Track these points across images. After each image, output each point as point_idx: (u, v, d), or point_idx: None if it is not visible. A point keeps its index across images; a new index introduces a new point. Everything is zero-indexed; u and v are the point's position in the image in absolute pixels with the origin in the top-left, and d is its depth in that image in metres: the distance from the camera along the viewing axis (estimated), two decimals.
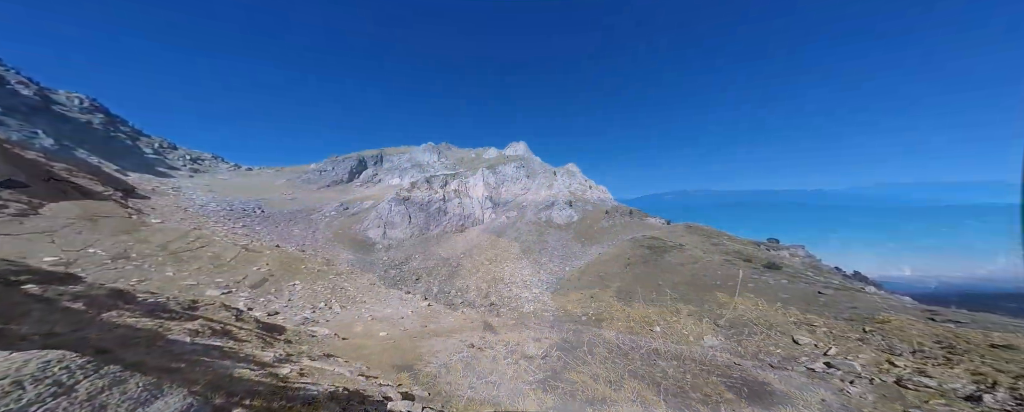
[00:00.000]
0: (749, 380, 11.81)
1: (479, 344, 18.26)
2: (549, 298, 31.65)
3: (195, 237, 27.51)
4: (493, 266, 41.05)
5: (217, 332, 7.67)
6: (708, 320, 18.86)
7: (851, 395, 10.09)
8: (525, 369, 14.16)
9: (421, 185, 58.80)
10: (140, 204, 32.01)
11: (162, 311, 7.70)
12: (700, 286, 23.09)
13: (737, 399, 10.33)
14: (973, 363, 10.10)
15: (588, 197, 53.14)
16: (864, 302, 16.65)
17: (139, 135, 57.97)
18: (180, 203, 37.87)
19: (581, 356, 15.68)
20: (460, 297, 33.61)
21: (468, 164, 71.71)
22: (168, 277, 19.98)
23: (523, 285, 35.03)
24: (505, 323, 24.09)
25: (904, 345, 12.00)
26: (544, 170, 63.93)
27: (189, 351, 5.52)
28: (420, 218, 55.71)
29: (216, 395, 3.29)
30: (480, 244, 49.57)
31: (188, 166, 59.07)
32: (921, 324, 13.09)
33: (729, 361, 13.79)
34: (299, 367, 7.77)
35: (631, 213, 46.38)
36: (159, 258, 21.90)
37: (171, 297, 9.75)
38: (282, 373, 6.35)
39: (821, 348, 13.51)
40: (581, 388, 11.98)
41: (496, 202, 58.79)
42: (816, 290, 19.49)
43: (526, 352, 16.04)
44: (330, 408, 4.90)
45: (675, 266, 27.23)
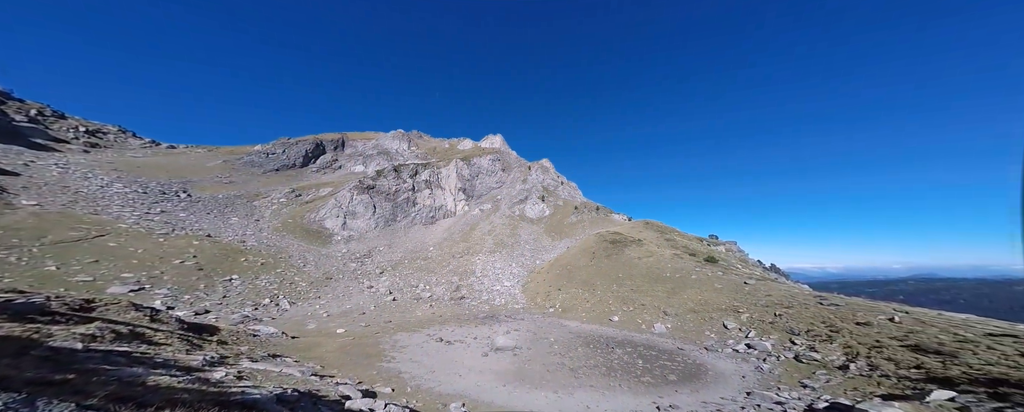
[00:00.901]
0: (689, 363, 13.48)
1: (449, 338, 18.03)
2: (520, 291, 32.36)
3: (90, 224, 22.49)
4: (464, 259, 40.58)
5: (123, 336, 6.39)
6: (659, 309, 21.01)
7: (764, 371, 12.10)
8: (495, 361, 14.39)
9: (388, 174, 55.26)
10: (4, 182, 24.88)
11: (39, 314, 6.16)
12: (654, 278, 25.54)
13: (679, 380, 11.71)
14: (845, 338, 12.83)
15: (559, 193, 54.94)
16: (776, 290, 20.01)
17: (5, 98, 44.92)
18: (69, 183, 30.40)
19: (547, 346, 16.40)
20: (428, 291, 32.70)
21: (441, 154, 68.97)
22: (49, 272, 16.12)
23: (495, 278, 35.25)
24: (475, 316, 24.10)
25: (801, 326, 14.73)
26: (519, 164, 64.32)
27: (82, 359, 4.51)
28: (386, 208, 52.53)
29: (122, 408, 2.73)
30: (452, 237, 48.54)
31: (82, 139, 47.56)
32: (813, 308, 16.15)
33: (673, 346, 15.56)
34: (237, 370, 6.96)
35: (598, 209, 49.18)
36: (34, 250, 17.49)
37: (54, 297, 7.85)
38: (215, 378, 5.59)
39: (743, 332, 15.93)
40: (547, 377, 12.57)
41: (470, 194, 57.77)
42: (742, 281, 22.82)
43: (496, 344, 16.28)
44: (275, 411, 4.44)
45: (634, 260, 29.70)
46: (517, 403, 10.34)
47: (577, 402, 10.48)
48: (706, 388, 10.92)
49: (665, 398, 10.29)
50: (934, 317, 13.53)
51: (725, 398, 10.04)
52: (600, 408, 9.97)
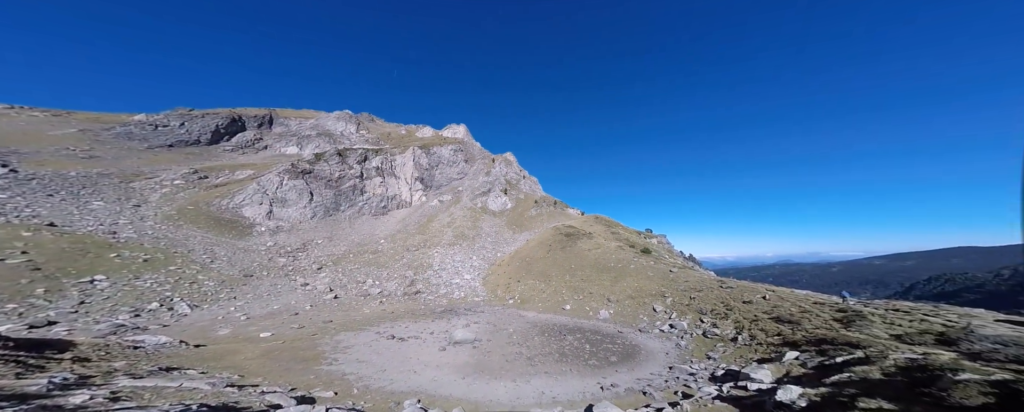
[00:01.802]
0: (627, 344, 15.44)
1: (402, 334, 17.02)
2: (480, 284, 32.31)
3: None
4: (421, 252, 38.52)
5: None
6: (604, 297, 23.47)
7: (682, 347, 14.71)
8: (453, 355, 14.18)
9: (331, 158, 48.49)
10: None
11: None
12: (600, 268, 28.35)
13: (619, 361, 13.37)
14: (735, 315, 16.41)
15: (521, 187, 56.04)
16: (692, 277, 24.37)
17: None
18: None
19: (506, 337, 16.87)
20: (378, 286, 30.22)
21: (397, 141, 63.15)
22: None
23: (454, 271, 34.40)
24: (432, 311, 23.22)
25: (707, 307, 18.25)
26: (483, 156, 63.14)
27: None
28: (327, 196, 46.26)
29: None
30: (406, 228, 45.42)
31: None
32: (716, 291, 20.21)
33: (615, 330, 17.64)
34: (109, 390, 5.48)
35: (555, 204, 51.88)
36: None
37: None
38: (73, 403, 4.28)
39: (668, 314, 18.95)
40: (506, 367, 12.95)
41: (428, 184, 54.61)
42: (668, 269, 27.02)
43: (455, 338, 16.02)
44: None
45: (584, 252, 32.41)
46: (476, 395, 10.44)
47: (533, 389, 11.09)
48: (640, 366, 12.67)
49: (607, 378, 11.63)
50: (788, 294, 18.17)
51: (653, 373, 11.83)
52: (553, 393, 10.75)
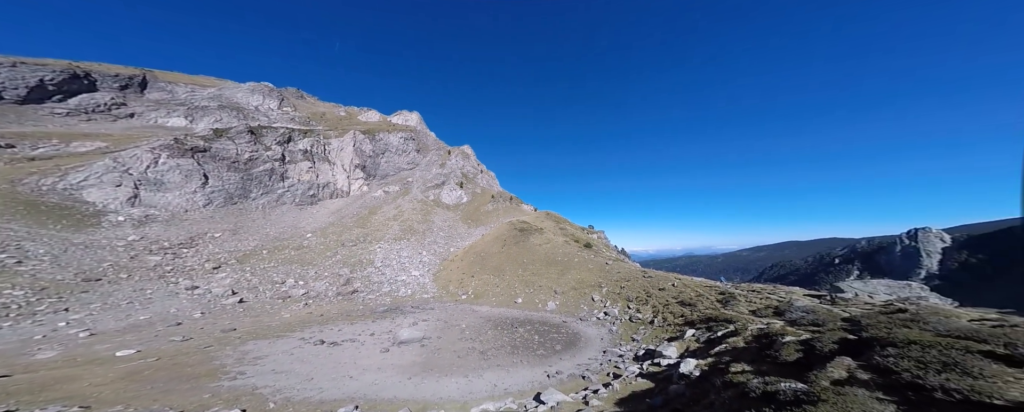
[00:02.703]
0: (570, 332, 16.82)
1: (334, 338, 14.91)
2: (430, 280, 30.59)
3: None
4: (360, 248, 34.34)
5: None
6: (552, 289, 25.03)
7: (613, 332, 16.86)
8: (398, 356, 13.07)
9: (239, 136, 39.26)
10: None
11: None
12: (549, 262, 30.19)
13: (563, 349, 14.54)
14: (653, 301, 19.69)
15: (478, 181, 55.18)
16: (624, 269, 28.14)
17: None
18: None
19: (458, 333, 16.43)
20: (302, 287, 25.76)
21: (334, 123, 54.54)
22: None
23: (400, 268, 31.69)
24: (373, 311, 20.88)
25: (633, 294, 21.36)
26: (438, 147, 59.76)
27: None
28: (230, 181, 37.28)
29: None
30: (342, 221, 39.86)
31: None
32: (640, 280, 23.82)
33: (560, 320, 19.02)
34: None
35: (511, 199, 52.84)
36: None
37: None
38: None
39: (603, 302, 21.39)
40: (458, 363, 12.60)
41: (371, 173, 48.96)
42: (605, 262, 30.57)
43: (400, 338, 14.78)
44: None
45: (535, 246, 34.00)
46: (425, 394, 9.89)
47: (486, 382, 11.11)
48: (580, 352, 13.96)
49: (553, 366, 12.49)
50: (689, 281, 22.57)
51: (591, 358, 13.20)
52: (504, 385, 10.98)
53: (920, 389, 3.95)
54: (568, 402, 8.40)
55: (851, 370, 4.92)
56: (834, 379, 4.71)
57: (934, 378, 4.05)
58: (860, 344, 5.89)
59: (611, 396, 8.13)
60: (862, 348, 5.64)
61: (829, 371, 4.97)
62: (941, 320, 7.00)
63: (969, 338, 5.34)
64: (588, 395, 8.66)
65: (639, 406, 7.00)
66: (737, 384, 5.43)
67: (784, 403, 4.16)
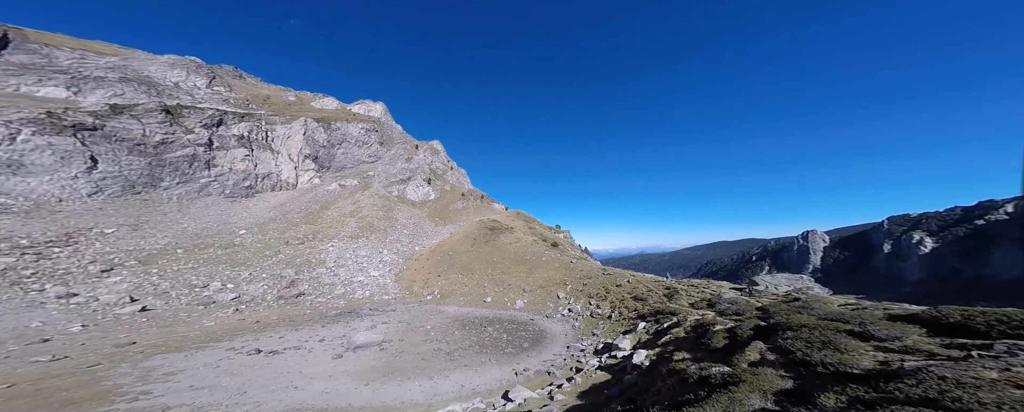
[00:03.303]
0: (537, 330, 17.32)
1: (274, 347, 13.22)
2: (392, 280, 28.72)
3: None
4: (308, 246, 30.77)
5: None
6: (520, 288, 25.48)
7: (576, 327, 17.79)
8: (354, 361, 12.06)
9: (148, 114, 32.62)
10: None
11: None
12: (519, 261, 30.69)
13: (530, 346, 14.93)
14: (611, 297, 21.36)
15: (448, 178, 53.36)
16: (587, 267, 29.99)
17: None
18: None
19: (423, 335, 15.74)
20: (231, 291, 22.23)
21: (280, 108, 47.84)
22: None
23: (357, 268, 29.13)
24: (323, 315, 18.84)
25: (594, 291, 22.92)
26: (404, 141, 56.21)
27: None
28: (132, 166, 30.71)
29: None
30: (287, 216, 35.30)
31: None
32: (601, 277, 25.66)
33: (528, 318, 19.47)
34: None
35: (482, 198, 52.27)
36: None
37: None
38: None
39: (567, 299, 22.52)
40: (422, 366, 12.06)
41: (325, 165, 44.19)
42: (570, 260, 32.20)
43: (356, 342, 13.64)
44: None
45: (506, 245, 34.26)
46: (385, 399, 9.30)
47: (452, 383, 10.86)
48: (546, 348, 14.48)
49: (521, 363, 12.73)
50: (642, 277, 24.97)
51: (556, 354, 13.77)
52: (472, 384, 10.87)
53: (808, 365, 4.98)
54: (535, 398, 8.65)
55: (762, 352, 5.97)
56: (751, 361, 5.67)
57: (816, 355, 5.13)
58: (769, 329, 7.18)
59: (574, 390, 8.59)
60: (770, 333, 6.88)
61: (747, 354, 5.96)
62: (821, 306, 8.88)
63: (838, 320, 6.88)
64: (553, 390, 9.02)
65: (598, 398, 7.52)
66: (679, 371, 6.20)
67: (715, 386, 4.88)
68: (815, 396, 3.80)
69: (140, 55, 43.46)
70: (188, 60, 45.03)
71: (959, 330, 5.59)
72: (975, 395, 3.14)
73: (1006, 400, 3.02)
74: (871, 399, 3.41)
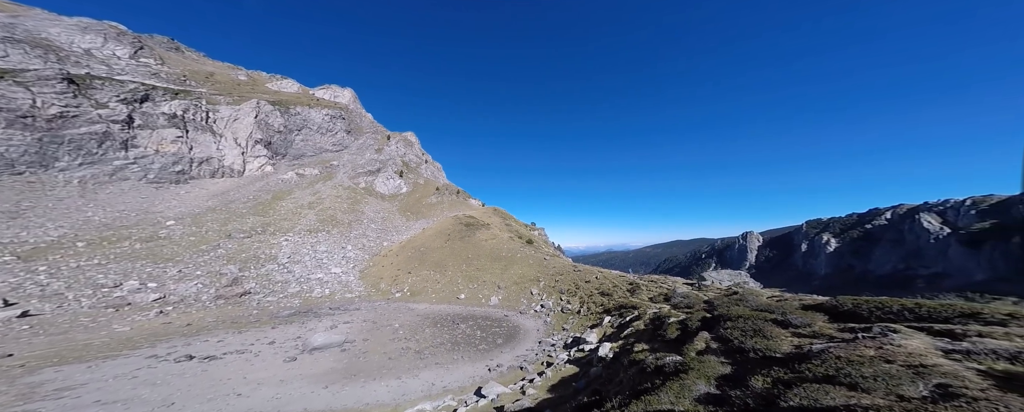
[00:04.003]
0: (511, 326, 17.57)
1: (211, 351, 11.66)
2: (356, 278, 26.88)
3: None
4: (258, 240, 27.58)
5: None
6: (495, 284, 25.59)
7: (548, 323, 18.38)
8: (310, 364, 11.14)
9: (41, 82, 27.26)
10: None
11: None
12: (494, 258, 30.73)
13: (504, 342, 15.10)
14: (580, 292, 22.41)
15: (422, 171, 51.14)
16: (559, 264, 31.10)
17: None
18: None
19: (391, 333, 15.03)
20: (155, 290, 19.20)
21: (227, 87, 41.73)
22: None
23: (316, 264, 26.76)
24: (273, 316, 17.03)
25: (565, 287, 23.90)
26: (375, 130, 52.54)
27: None
28: (12, 140, 25.25)
29: None
30: (230, 206, 31.23)
31: None
32: (571, 274, 26.80)
33: (502, 314, 19.65)
34: None
35: (458, 193, 51.07)
36: None
37: None
38: None
39: (540, 296, 23.17)
40: (389, 365, 11.52)
41: (280, 152, 39.80)
42: (544, 257, 33.10)
43: (313, 344, 12.59)
44: None
45: (481, 242, 34.04)
46: (347, 401, 8.78)
47: (421, 382, 10.57)
48: (519, 344, 14.75)
49: (494, 359, 12.81)
50: (609, 274, 26.63)
51: (528, 349, 14.10)
52: (444, 382, 10.68)
53: (743, 352, 5.76)
54: (507, 393, 8.79)
55: (708, 342, 6.76)
56: (698, 350, 6.38)
57: (749, 342, 5.95)
58: (713, 320, 8.14)
59: (544, 384, 8.90)
60: (714, 323, 7.81)
61: (695, 344, 6.70)
62: (754, 299, 10.29)
63: (766, 310, 8.03)
64: (525, 385, 9.25)
65: (567, 391, 7.89)
66: (638, 361, 6.75)
67: (668, 374, 5.41)
68: (748, 379, 4.42)
69: (38, 14, 34.71)
70: (106, 25, 37.04)
71: (850, 316, 6.90)
72: (859, 370, 3.91)
73: (879, 373, 3.81)
74: (789, 379, 4.07)
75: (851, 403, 3.03)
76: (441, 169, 58.49)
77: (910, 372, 3.70)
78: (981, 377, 3.54)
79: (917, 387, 3.43)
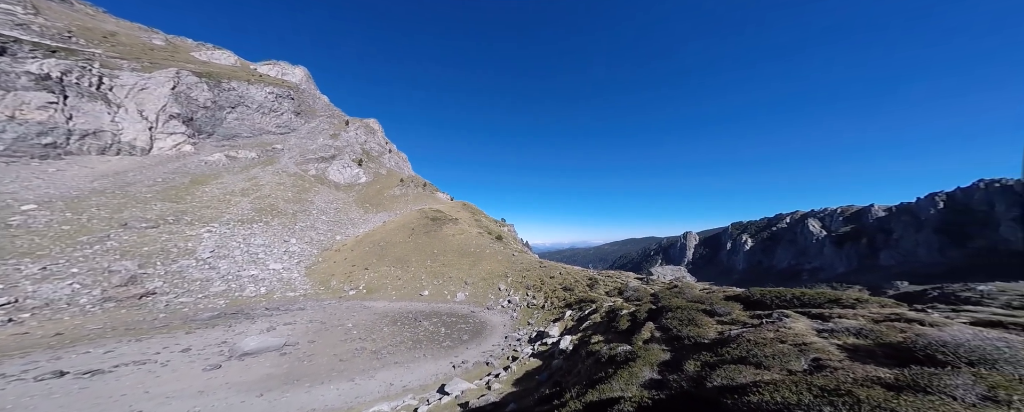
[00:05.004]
0: (478, 322, 17.55)
1: (97, 365, 9.66)
2: (302, 274, 24.04)
3: None
4: (166, 230, 23.04)
5: None
6: (462, 280, 25.21)
7: (514, 318, 18.88)
8: (239, 371, 9.80)
9: None
10: None
11: None
12: (462, 253, 30.20)
13: (470, 338, 15.01)
14: (544, 287, 23.39)
15: (385, 161, 47.41)
16: (526, 260, 31.93)
17: None
18: None
19: (342, 334, 13.82)
20: (2, 293, 14.74)
21: (135, 52, 33.43)
22: None
23: (249, 259, 23.23)
24: (187, 319, 14.37)
25: (531, 282, 24.70)
26: (331, 114, 46.95)
27: None
28: None
29: None
30: (128, 189, 25.50)
31: None
32: (537, 270, 27.76)
33: (468, 310, 19.50)
34: None
35: (425, 185, 48.66)
36: None
37: None
38: None
39: (507, 291, 23.56)
40: (340, 368, 10.60)
41: (204, 130, 33.60)
42: (512, 253, 33.65)
43: (242, 349, 10.94)
44: None
45: (449, 237, 33.12)
46: (287, 408, 7.96)
47: (378, 383, 9.99)
48: (486, 340, 14.84)
49: (459, 356, 12.67)
50: (572, 269, 28.19)
51: (495, 344, 14.26)
52: (403, 381, 10.24)
53: (680, 339, 6.64)
54: (472, 389, 8.79)
55: (652, 332, 7.64)
56: (644, 339, 7.17)
57: (683, 330, 6.89)
58: (658, 311, 9.22)
59: (509, 378, 9.11)
60: (658, 314, 8.85)
61: (642, 334, 7.52)
62: (689, 291, 11.91)
63: (698, 301, 9.36)
64: (490, 380, 9.35)
65: (530, 384, 8.20)
66: (594, 352, 7.33)
67: (620, 363, 5.99)
68: (683, 364, 5.12)
69: None
70: None
71: (759, 305, 8.42)
72: (762, 350, 4.82)
73: (776, 352, 4.74)
74: (713, 362, 4.83)
75: (757, 379, 3.71)
76: (406, 160, 54.94)
77: (796, 350, 4.68)
78: (839, 350, 4.64)
79: (801, 362, 4.36)
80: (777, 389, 3.07)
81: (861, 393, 2.71)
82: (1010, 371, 3.24)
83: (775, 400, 2.92)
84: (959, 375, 2.99)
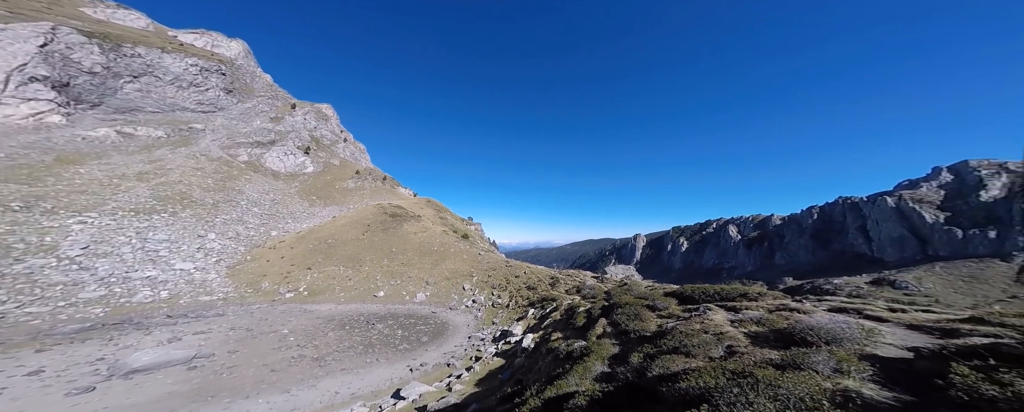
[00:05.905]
0: (439, 323, 16.94)
1: None
2: (221, 275, 20.30)
3: None
4: (8, 221, 17.36)
5: None
6: (423, 280, 24.06)
7: (478, 317, 18.66)
8: (123, 393, 7.93)
9: None
10: None
11: None
12: (424, 252, 28.83)
13: (429, 340, 14.42)
14: (510, 287, 23.69)
15: (338, 150, 42.54)
16: (493, 259, 31.96)
17: None
18: None
19: (276, 341, 12.07)
20: None
21: None
22: None
23: (144, 257, 18.82)
24: (48, 332, 10.98)
25: (497, 282, 24.81)
26: (272, 94, 40.39)
27: None
28: None
29: None
30: None
31: None
32: (503, 269, 28.04)
33: (429, 311, 18.71)
34: None
35: (384, 179, 45.02)
36: None
37: None
38: None
39: (472, 290, 23.28)
40: (271, 379, 9.20)
41: (85, 99, 26.56)
42: (479, 252, 33.34)
43: (131, 365, 8.87)
44: None
45: (409, 235, 31.29)
46: None
47: (320, 393, 8.99)
48: (447, 341, 14.41)
49: (417, 358, 12.08)
50: (536, 269, 29.08)
51: (457, 345, 13.96)
52: (351, 389, 9.39)
53: (627, 333, 7.38)
54: (432, 391, 8.43)
55: (605, 327, 8.33)
56: (598, 334, 7.79)
57: (630, 325, 7.69)
58: (610, 308, 10.09)
59: (472, 378, 8.98)
60: (610, 310, 9.69)
61: (596, 329, 8.16)
62: (636, 288, 13.27)
63: (643, 298, 10.50)
64: (452, 381, 9.10)
65: (493, 383, 8.22)
66: (554, 349, 7.70)
67: (576, 358, 6.41)
68: (629, 356, 5.70)
69: None
70: None
71: (690, 299, 9.82)
72: (691, 340, 5.65)
73: (701, 342, 5.61)
74: (653, 353, 5.48)
75: (687, 367, 4.34)
76: (364, 151, 50.17)
77: (715, 339, 5.58)
78: (746, 337, 5.67)
79: (718, 349, 5.21)
80: (701, 376, 3.63)
81: (759, 373, 3.38)
82: (850, 347, 4.37)
83: (699, 385, 3.45)
84: (820, 353, 3.93)
